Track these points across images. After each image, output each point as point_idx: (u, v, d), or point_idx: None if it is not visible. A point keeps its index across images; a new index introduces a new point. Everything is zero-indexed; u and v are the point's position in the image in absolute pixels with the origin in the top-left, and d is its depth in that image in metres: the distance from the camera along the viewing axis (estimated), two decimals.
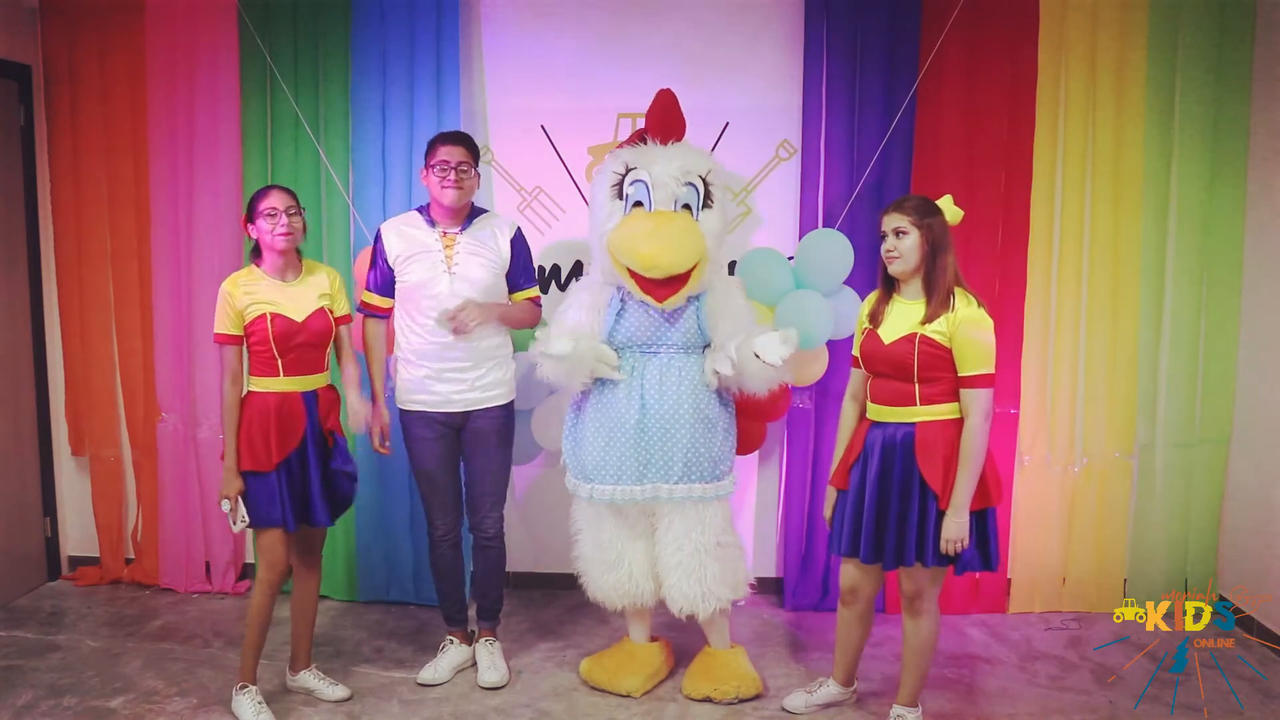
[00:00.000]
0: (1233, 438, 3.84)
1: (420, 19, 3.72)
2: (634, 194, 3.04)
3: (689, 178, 3.02)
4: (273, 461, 2.94)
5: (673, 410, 3.04)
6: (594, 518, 3.22)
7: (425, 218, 3.18)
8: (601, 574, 3.22)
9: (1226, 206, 3.74)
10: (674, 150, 3.07)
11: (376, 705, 3.21)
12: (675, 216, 2.99)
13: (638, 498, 3.08)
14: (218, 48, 3.81)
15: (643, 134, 3.15)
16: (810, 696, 3.15)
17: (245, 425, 2.94)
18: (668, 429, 3.04)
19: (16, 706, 3.17)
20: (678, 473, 3.06)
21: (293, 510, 2.99)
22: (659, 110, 3.18)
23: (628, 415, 3.04)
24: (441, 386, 3.17)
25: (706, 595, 3.12)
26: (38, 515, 4.23)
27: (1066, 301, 3.78)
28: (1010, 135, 3.67)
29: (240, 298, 2.93)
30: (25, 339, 4.13)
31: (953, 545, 2.70)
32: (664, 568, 3.15)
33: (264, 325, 2.93)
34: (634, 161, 3.06)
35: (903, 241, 2.74)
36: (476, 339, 3.14)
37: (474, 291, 3.11)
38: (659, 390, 3.04)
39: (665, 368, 3.06)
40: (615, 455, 3.07)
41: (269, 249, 2.96)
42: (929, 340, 2.70)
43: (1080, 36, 3.66)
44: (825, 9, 3.67)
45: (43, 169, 4.11)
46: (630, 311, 3.06)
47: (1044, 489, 3.86)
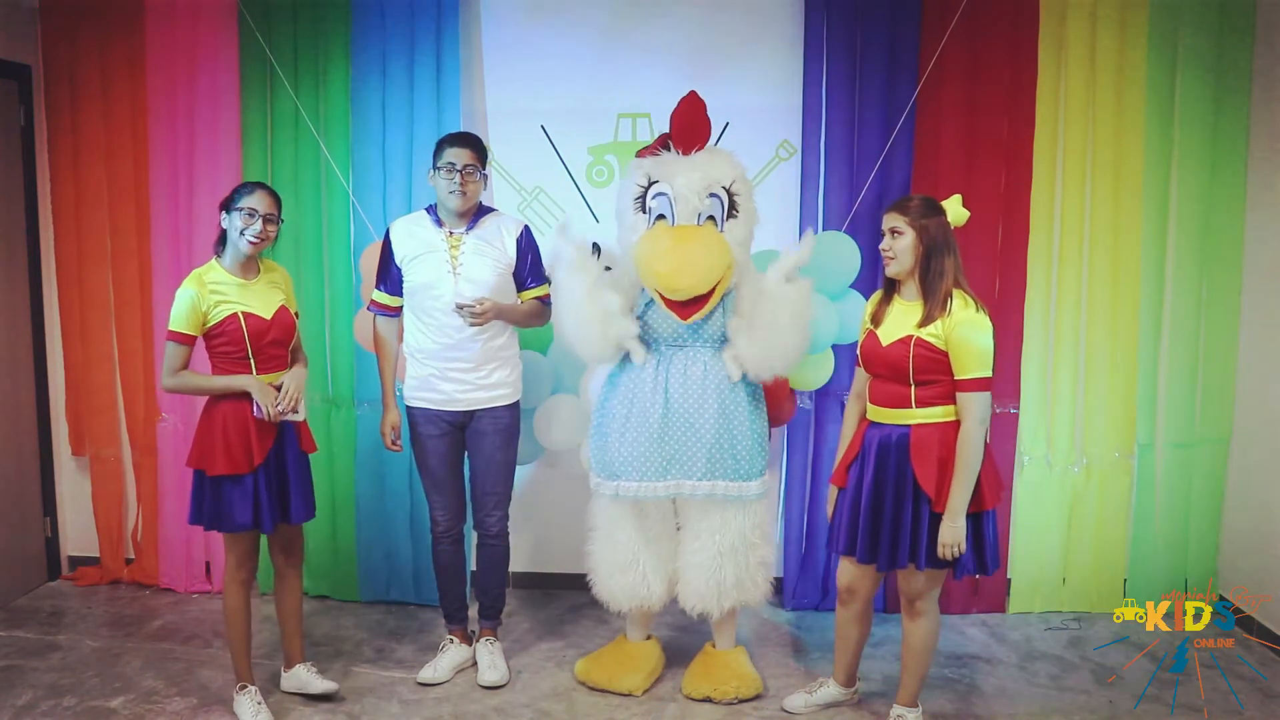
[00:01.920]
0: (1233, 438, 3.84)
1: (420, 19, 3.72)
2: (657, 207, 2.98)
3: (712, 189, 2.96)
4: (254, 462, 2.89)
5: (697, 405, 3.02)
6: (613, 518, 3.17)
7: (433, 218, 3.19)
8: (612, 575, 3.19)
9: (1226, 206, 3.74)
10: (697, 160, 2.97)
11: (376, 705, 3.21)
12: (697, 233, 2.92)
13: (660, 494, 3.06)
14: (218, 47, 3.81)
15: (666, 139, 3.05)
16: (810, 697, 3.15)
17: (221, 429, 2.88)
18: (691, 424, 3.02)
19: (16, 706, 3.17)
20: (701, 470, 3.03)
21: (269, 511, 2.93)
22: (682, 116, 3.02)
23: (652, 410, 3.02)
24: (446, 385, 3.18)
25: (723, 596, 3.10)
26: (38, 515, 4.23)
27: (1066, 301, 3.78)
28: (1010, 135, 3.67)
29: (206, 298, 2.86)
30: (25, 339, 4.13)
31: (948, 550, 2.68)
32: (683, 565, 3.14)
33: (236, 325, 2.88)
34: (656, 174, 2.99)
35: (898, 242, 2.73)
36: (481, 339, 3.15)
37: (480, 292, 3.11)
38: (683, 385, 3.02)
39: (690, 363, 3.04)
40: (639, 451, 3.04)
41: (233, 245, 2.91)
42: (924, 343, 2.68)
43: (1080, 36, 3.65)
44: (825, 9, 3.67)
45: (43, 169, 4.11)
46: (658, 307, 3.01)
47: (1044, 489, 3.86)
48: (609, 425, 3.11)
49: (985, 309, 2.71)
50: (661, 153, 3.03)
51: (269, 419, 2.88)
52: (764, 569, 3.17)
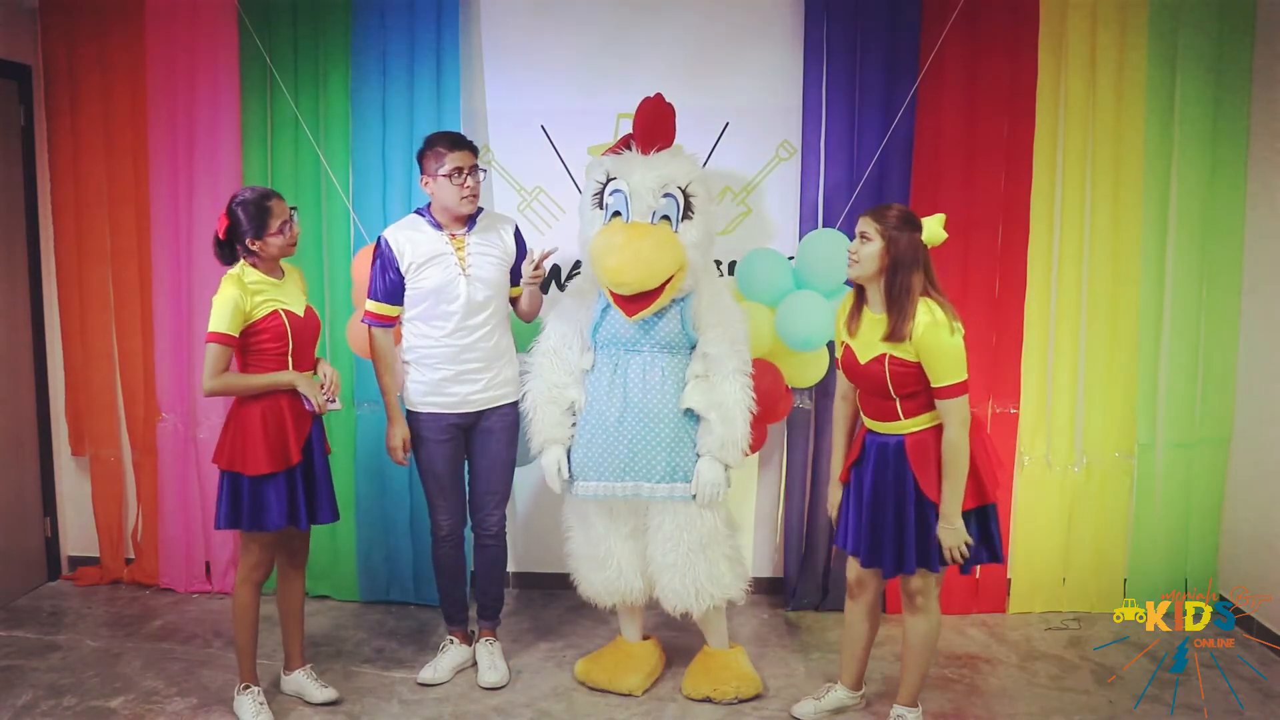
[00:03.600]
0: (1233, 438, 3.84)
1: (420, 19, 3.72)
2: (613, 204, 3.03)
3: (668, 189, 3.00)
4: (292, 459, 2.91)
5: (655, 409, 3.03)
6: (584, 515, 3.21)
7: (429, 220, 3.17)
8: (591, 571, 3.23)
9: (1226, 206, 3.74)
10: (656, 160, 3.03)
11: (376, 705, 3.21)
12: (650, 230, 2.96)
13: (619, 495, 3.08)
14: (218, 48, 3.80)
15: (629, 139, 3.11)
16: (819, 703, 3.12)
17: (261, 428, 2.89)
18: (649, 427, 3.03)
19: (16, 706, 3.17)
20: (660, 472, 3.04)
21: (305, 509, 2.97)
22: (644, 117, 3.09)
23: (609, 413, 3.05)
24: (459, 388, 3.18)
25: (700, 593, 3.10)
26: (38, 515, 4.23)
27: (1066, 301, 3.78)
28: (1010, 135, 3.67)
29: (249, 298, 2.88)
30: (25, 339, 4.13)
31: (954, 552, 2.69)
32: (656, 568, 3.14)
33: (279, 321, 2.91)
34: (615, 170, 3.04)
35: (864, 247, 2.70)
36: (492, 338, 3.17)
37: (489, 291, 3.13)
38: (641, 389, 3.04)
39: (648, 367, 3.05)
40: (597, 452, 3.07)
41: (275, 250, 2.94)
42: (897, 360, 2.67)
43: (1080, 36, 3.65)
44: (825, 9, 3.66)
45: (43, 169, 4.11)
46: (615, 311, 3.05)
47: (1044, 489, 3.86)
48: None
49: (953, 312, 2.67)
50: (623, 151, 3.08)
51: (318, 410, 2.94)
52: (735, 560, 3.18)
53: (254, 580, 3.03)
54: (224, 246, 2.95)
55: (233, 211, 2.91)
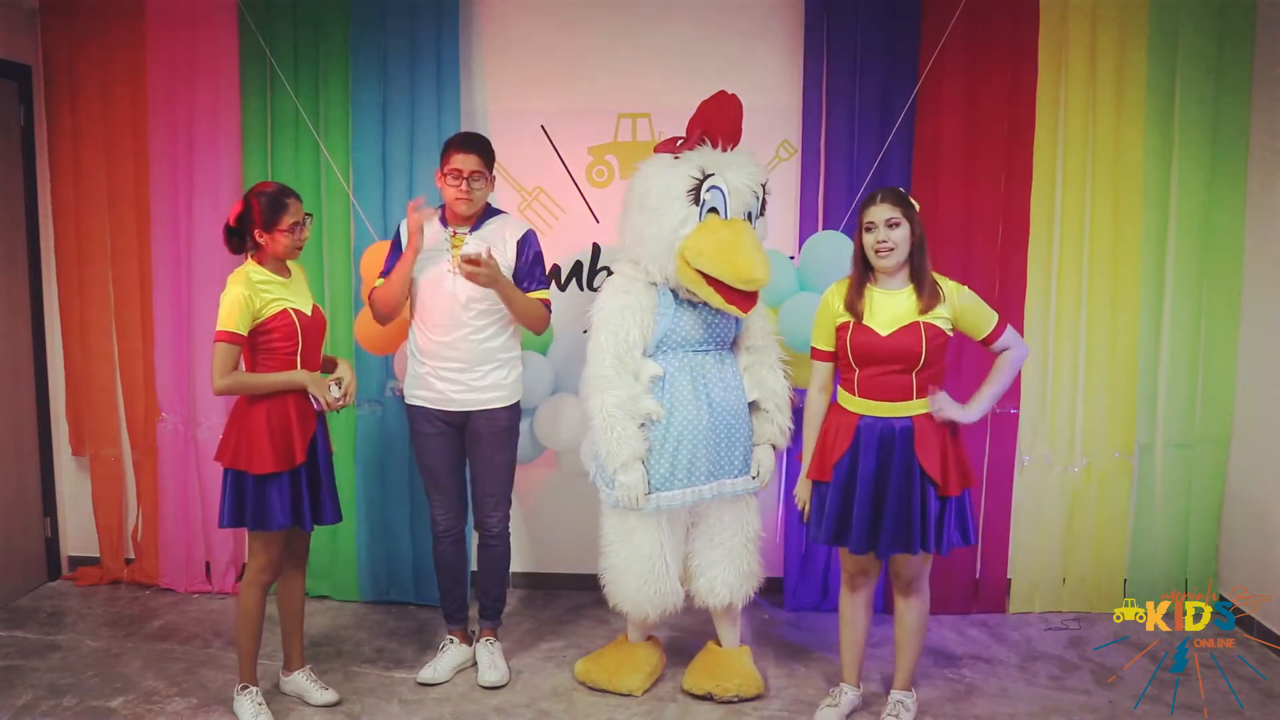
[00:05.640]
0: (1233, 438, 3.84)
1: (420, 19, 3.72)
2: (710, 200, 2.98)
3: (757, 188, 3.03)
4: (297, 459, 2.91)
5: (735, 404, 3.09)
6: (639, 529, 3.11)
7: (440, 216, 3.21)
8: (639, 585, 3.12)
9: (1226, 206, 3.74)
10: (743, 158, 3.03)
11: (376, 705, 3.21)
12: (749, 228, 3.00)
13: (705, 498, 3.08)
14: (218, 48, 3.81)
15: (703, 136, 3.03)
16: (839, 709, 3.09)
17: (266, 427, 2.88)
18: (732, 424, 3.08)
19: (16, 706, 3.17)
20: (738, 465, 3.11)
21: (309, 509, 2.97)
22: (733, 113, 3.05)
23: (699, 417, 3.03)
24: (439, 384, 3.18)
25: (745, 582, 3.17)
26: (38, 515, 4.23)
27: (1066, 301, 3.78)
28: (1010, 135, 3.67)
29: (257, 296, 2.87)
30: (25, 339, 4.13)
31: (943, 411, 2.75)
32: (707, 561, 3.16)
33: (289, 320, 2.91)
34: (709, 167, 2.98)
35: (895, 232, 2.75)
36: (477, 339, 3.15)
37: (477, 292, 3.11)
38: (721, 387, 3.07)
39: (720, 365, 3.09)
40: (686, 458, 3.02)
41: (283, 250, 2.93)
42: (934, 327, 2.74)
43: (1080, 37, 3.66)
44: (825, 9, 3.67)
45: (43, 169, 4.11)
46: (684, 313, 3.05)
47: (1044, 489, 3.86)
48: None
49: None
50: (703, 147, 3.01)
51: (327, 409, 2.95)
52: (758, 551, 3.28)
53: (261, 583, 3.02)
54: (233, 234, 2.94)
55: (249, 199, 2.90)
